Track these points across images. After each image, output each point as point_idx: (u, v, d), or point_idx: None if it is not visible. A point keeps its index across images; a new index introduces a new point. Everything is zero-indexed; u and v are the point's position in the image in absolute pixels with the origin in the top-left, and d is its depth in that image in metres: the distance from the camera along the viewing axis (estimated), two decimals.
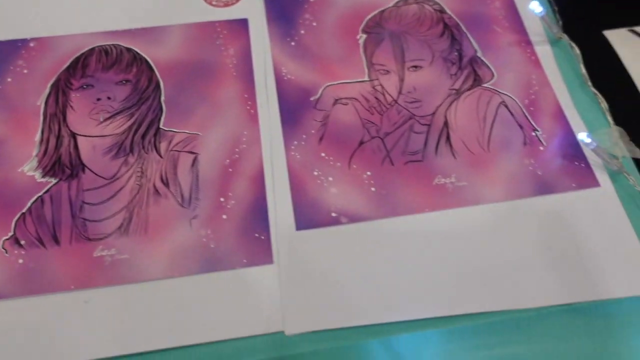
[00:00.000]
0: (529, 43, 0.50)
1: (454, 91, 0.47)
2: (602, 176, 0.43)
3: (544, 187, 0.43)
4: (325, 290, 0.38)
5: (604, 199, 0.42)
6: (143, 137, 0.44)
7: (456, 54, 0.49)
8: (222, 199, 0.41)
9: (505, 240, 0.40)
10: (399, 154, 0.44)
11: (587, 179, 0.43)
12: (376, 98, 0.47)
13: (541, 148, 0.44)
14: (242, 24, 0.50)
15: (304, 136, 0.45)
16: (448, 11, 0.52)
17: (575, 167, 0.44)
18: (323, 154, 0.44)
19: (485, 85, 0.48)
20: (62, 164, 0.42)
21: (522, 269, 0.39)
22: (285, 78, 0.47)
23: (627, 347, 0.37)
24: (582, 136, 0.43)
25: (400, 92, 0.47)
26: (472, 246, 0.40)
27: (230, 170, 0.43)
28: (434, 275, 0.39)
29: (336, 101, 0.46)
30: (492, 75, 0.48)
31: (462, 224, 0.41)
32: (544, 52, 0.50)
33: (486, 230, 0.41)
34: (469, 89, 0.47)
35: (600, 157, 0.43)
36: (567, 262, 0.39)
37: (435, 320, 0.37)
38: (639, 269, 0.39)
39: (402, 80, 0.48)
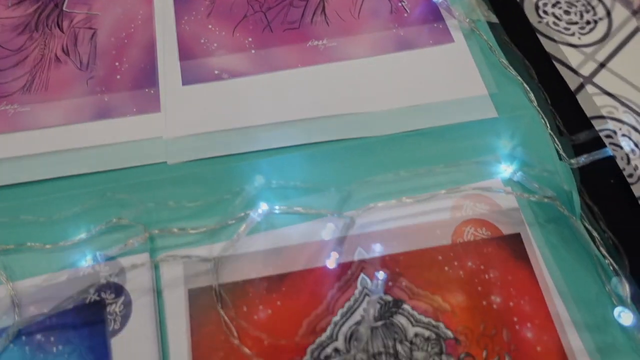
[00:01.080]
0: None
1: None
2: (457, 35, 0.49)
3: (404, 45, 0.48)
4: (204, 128, 0.44)
5: (457, 51, 0.48)
6: (47, 17, 0.49)
7: None
8: (117, 64, 0.46)
9: (364, 83, 0.46)
10: (278, 23, 0.49)
11: (443, 37, 0.49)
12: None
13: (405, 15, 0.50)
14: None
15: (193, 12, 0.50)
16: None
17: (434, 28, 0.49)
18: (210, 26, 0.49)
19: None
20: None
21: (379, 104, 0.45)
22: None
23: (469, 160, 0.43)
24: None
25: None
26: (334, 88, 0.46)
27: (126, 41, 0.48)
28: (299, 112, 0.44)
29: None
30: None
31: (328, 74, 0.46)
32: None
33: (349, 77, 0.46)
34: None
35: (454, 16, 0.49)
36: (420, 98, 0.45)
37: (298, 146, 0.43)
38: (481, 101, 0.45)
39: None
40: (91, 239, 0.39)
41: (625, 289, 0.35)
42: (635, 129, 0.46)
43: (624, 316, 0.33)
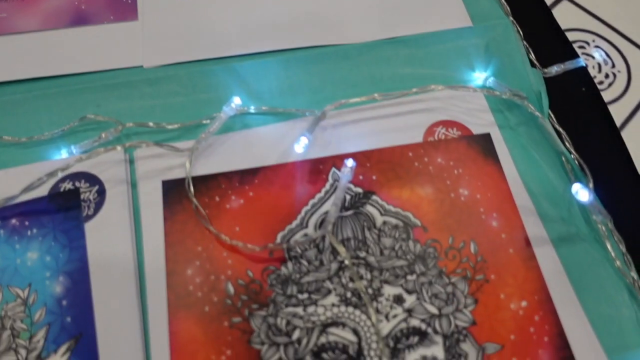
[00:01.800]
0: None
1: None
2: None
3: None
4: (179, 36, 0.44)
5: None
6: None
7: None
8: None
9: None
10: None
11: None
12: None
13: None
14: None
15: None
16: None
17: None
18: None
19: None
20: None
21: (353, 12, 0.45)
22: None
23: (438, 69, 0.43)
24: None
25: None
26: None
27: None
28: (275, 18, 0.45)
29: None
30: None
31: None
32: None
33: None
34: None
35: None
36: (392, 6, 0.46)
37: (273, 52, 0.43)
38: (450, 10, 0.46)
39: None
40: (66, 134, 0.39)
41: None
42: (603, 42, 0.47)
43: (581, 193, 0.34)
